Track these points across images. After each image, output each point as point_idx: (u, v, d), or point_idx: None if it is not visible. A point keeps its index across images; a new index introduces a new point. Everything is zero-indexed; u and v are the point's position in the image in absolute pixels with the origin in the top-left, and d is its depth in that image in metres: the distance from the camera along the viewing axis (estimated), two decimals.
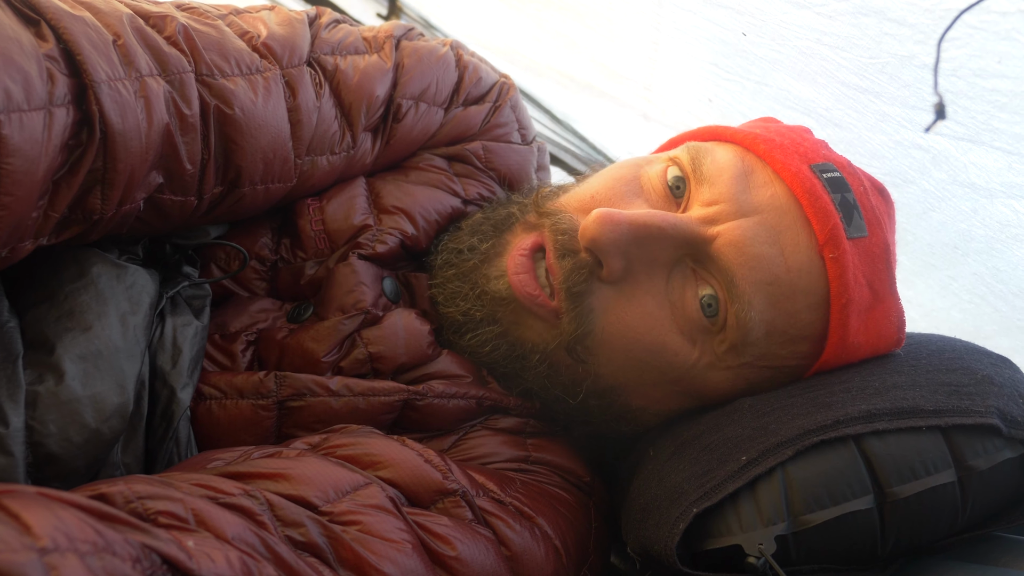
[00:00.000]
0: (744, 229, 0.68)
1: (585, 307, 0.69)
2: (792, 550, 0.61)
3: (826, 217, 0.68)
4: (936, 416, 0.62)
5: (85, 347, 0.59)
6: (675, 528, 0.61)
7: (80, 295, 0.61)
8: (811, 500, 0.61)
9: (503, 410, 0.75)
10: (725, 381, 0.71)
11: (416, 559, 0.54)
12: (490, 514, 0.62)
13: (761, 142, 0.72)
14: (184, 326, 0.67)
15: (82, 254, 0.62)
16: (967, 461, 0.62)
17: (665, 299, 0.70)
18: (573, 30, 1.29)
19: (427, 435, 0.71)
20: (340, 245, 0.76)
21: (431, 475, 0.61)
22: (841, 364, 0.71)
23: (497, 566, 0.59)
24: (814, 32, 0.87)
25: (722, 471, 0.63)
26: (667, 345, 0.69)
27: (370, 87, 0.77)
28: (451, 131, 0.85)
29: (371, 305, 0.72)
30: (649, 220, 0.68)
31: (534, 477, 0.71)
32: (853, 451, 0.62)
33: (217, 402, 0.67)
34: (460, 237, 0.77)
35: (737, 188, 0.69)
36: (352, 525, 0.54)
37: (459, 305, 0.74)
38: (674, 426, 0.73)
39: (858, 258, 0.68)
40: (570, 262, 0.69)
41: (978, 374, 0.66)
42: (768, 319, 0.67)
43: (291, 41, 0.72)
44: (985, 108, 0.78)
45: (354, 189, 0.79)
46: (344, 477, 0.57)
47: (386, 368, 0.71)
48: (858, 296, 0.68)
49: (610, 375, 0.72)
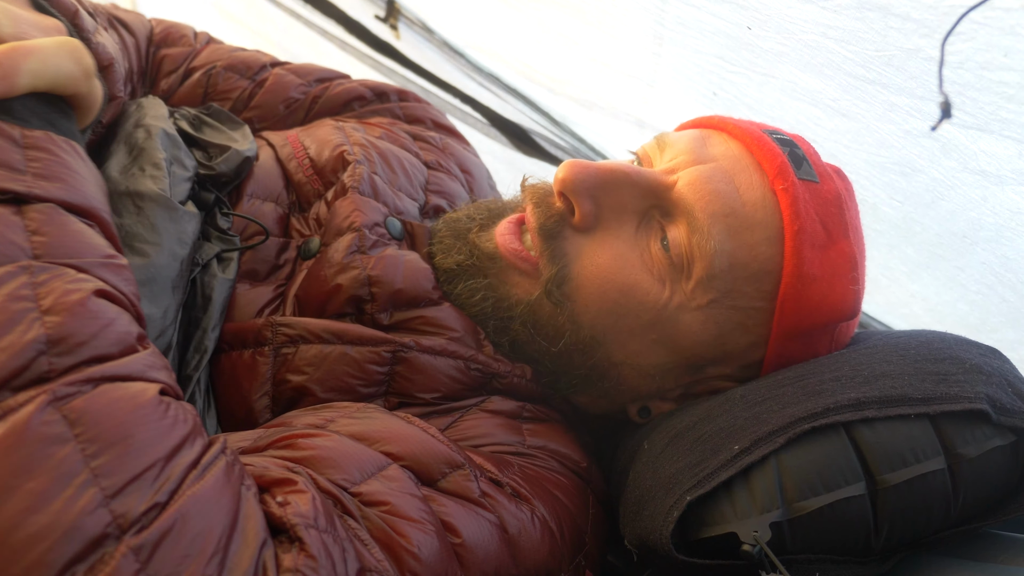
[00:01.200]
0: (700, 171, 0.75)
1: (559, 250, 0.76)
2: (787, 538, 0.62)
3: (773, 156, 0.75)
4: (924, 404, 0.63)
5: (142, 273, 0.65)
6: (669, 516, 0.62)
7: (138, 228, 0.67)
8: (805, 487, 0.61)
9: (496, 380, 0.77)
10: (696, 324, 0.75)
11: (437, 541, 0.55)
12: (488, 496, 0.62)
13: (717, 119, 0.82)
14: (212, 278, 0.74)
15: (139, 195, 0.69)
16: (956, 449, 0.62)
17: (635, 245, 0.76)
18: (574, 30, 1.29)
19: (424, 414, 0.73)
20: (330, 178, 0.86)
21: (438, 447, 0.62)
22: (802, 301, 0.73)
23: (499, 549, 0.60)
24: (819, 26, 0.87)
25: (715, 460, 0.64)
26: (638, 283, 0.75)
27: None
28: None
29: (364, 226, 0.79)
30: (615, 166, 0.76)
31: (531, 461, 0.71)
32: (844, 439, 0.62)
33: (225, 354, 0.73)
34: (459, 213, 0.86)
35: (694, 145, 0.78)
36: (380, 506, 0.55)
37: (453, 257, 0.80)
38: (667, 419, 0.75)
39: (808, 195, 0.74)
40: (543, 208, 0.78)
41: (967, 363, 0.67)
42: (729, 250, 0.72)
43: None
44: (993, 99, 0.78)
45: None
46: (367, 457, 0.58)
47: (382, 293, 0.76)
48: (811, 227, 0.73)
49: (588, 323, 0.76)
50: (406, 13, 1.67)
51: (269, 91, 1.05)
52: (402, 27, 1.70)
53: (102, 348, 0.46)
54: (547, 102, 1.58)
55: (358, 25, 1.71)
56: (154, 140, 0.75)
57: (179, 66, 1.05)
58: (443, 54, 1.67)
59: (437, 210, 0.92)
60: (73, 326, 0.45)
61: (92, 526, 0.40)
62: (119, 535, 0.40)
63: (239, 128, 0.91)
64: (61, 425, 0.41)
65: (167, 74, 1.04)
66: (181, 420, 0.47)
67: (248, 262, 0.79)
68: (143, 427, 0.44)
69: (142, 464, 0.43)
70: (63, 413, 0.41)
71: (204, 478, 0.45)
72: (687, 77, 1.13)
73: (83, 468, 0.41)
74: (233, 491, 0.47)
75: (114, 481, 0.41)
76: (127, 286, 0.52)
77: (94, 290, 0.47)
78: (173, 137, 0.78)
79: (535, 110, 1.61)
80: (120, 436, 0.43)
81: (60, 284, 0.46)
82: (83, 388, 0.43)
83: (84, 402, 0.42)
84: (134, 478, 0.42)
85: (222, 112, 0.93)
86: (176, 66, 1.04)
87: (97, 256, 0.51)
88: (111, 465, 0.41)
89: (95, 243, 0.52)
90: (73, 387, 0.43)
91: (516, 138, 1.63)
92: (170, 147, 0.76)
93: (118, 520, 0.40)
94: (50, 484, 0.39)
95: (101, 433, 0.42)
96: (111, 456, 0.42)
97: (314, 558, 0.47)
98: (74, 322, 0.45)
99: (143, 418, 0.44)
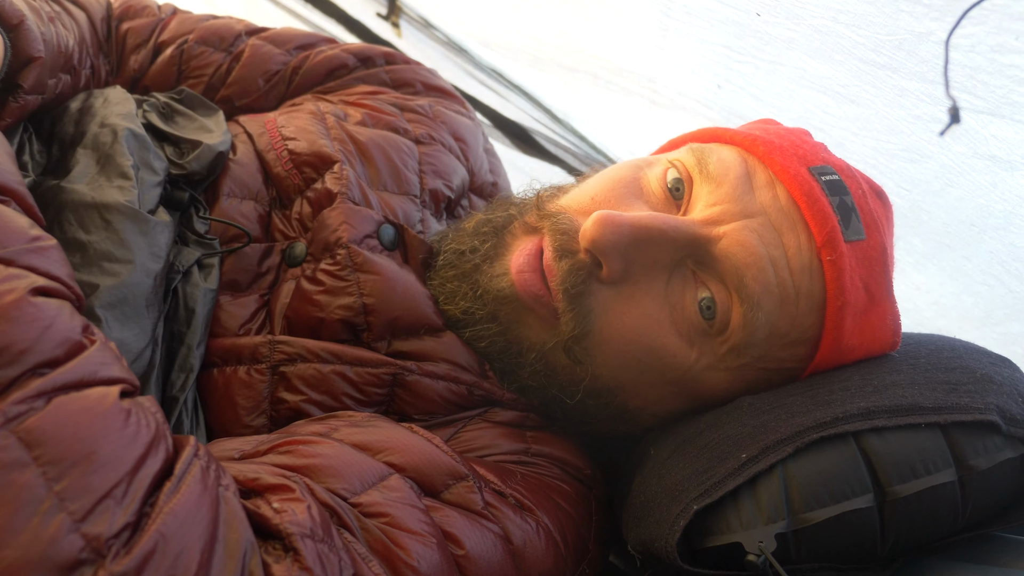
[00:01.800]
0: (751, 230, 0.68)
1: (584, 308, 0.70)
2: (792, 548, 0.61)
3: (824, 220, 0.68)
4: (935, 413, 0.62)
5: (114, 294, 0.62)
6: (676, 525, 0.61)
7: (107, 245, 0.64)
8: (811, 498, 0.60)
9: (499, 403, 0.74)
10: (723, 382, 0.72)
11: (438, 554, 0.54)
12: (492, 507, 0.61)
13: (761, 144, 0.73)
14: (195, 288, 0.70)
15: (106, 208, 0.66)
16: (968, 460, 0.61)
17: (664, 301, 0.70)
18: (576, 23, 1.30)
19: (427, 426, 0.71)
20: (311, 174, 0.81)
21: (442, 459, 0.61)
22: (835, 365, 0.71)
23: (503, 561, 0.59)
24: (829, 11, 0.87)
25: (722, 468, 0.63)
26: (666, 346, 0.70)
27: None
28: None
29: (352, 241, 0.74)
30: (650, 222, 0.68)
31: (534, 470, 0.70)
32: (853, 449, 0.61)
33: (218, 369, 0.70)
34: (461, 238, 0.78)
35: (741, 189, 0.70)
36: (379, 517, 0.54)
37: (459, 304, 0.74)
38: (674, 425, 0.73)
39: (855, 261, 0.69)
40: (568, 263, 0.70)
41: (977, 372, 0.66)
42: (773, 321, 0.68)
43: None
44: (1004, 83, 0.78)
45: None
46: (368, 467, 0.57)
47: (378, 322, 0.72)
48: (854, 299, 0.69)
49: (608, 376, 0.72)
50: (408, 10, 1.67)
51: (247, 65, 0.99)
52: (404, 25, 1.70)
53: (47, 352, 0.42)
54: (549, 98, 1.58)
55: (358, 24, 1.71)
56: (120, 144, 0.71)
57: (146, 39, 0.99)
58: (445, 52, 1.67)
59: (435, 195, 0.88)
60: (12, 333, 0.41)
61: (65, 553, 0.37)
62: (95, 559, 0.38)
63: (213, 115, 0.88)
64: (17, 449, 0.38)
65: (134, 49, 0.98)
66: (144, 425, 0.44)
67: (228, 272, 0.75)
68: (105, 440, 0.41)
69: (110, 482, 0.40)
70: (18, 435, 0.38)
71: (180, 490, 0.43)
72: (692, 68, 1.13)
73: (47, 493, 0.38)
74: (211, 497, 0.45)
75: (82, 504, 0.39)
76: (60, 268, 0.47)
77: (29, 288, 0.43)
78: (141, 138, 0.74)
79: (537, 107, 1.62)
80: (82, 454, 0.40)
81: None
82: (35, 404, 0.40)
83: (39, 420, 0.39)
84: (102, 497, 0.39)
85: (195, 97, 0.90)
86: (142, 39, 0.99)
87: (22, 242, 0.46)
88: (77, 487, 0.39)
89: (16, 225, 0.46)
90: (24, 404, 0.39)
91: (518, 139, 1.63)
92: (137, 150, 0.73)
93: (92, 543, 0.38)
94: (13, 514, 0.37)
95: (62, 453, 0.39)
96: (75, 477, 0.39)
97: (309, 570, 0.45)
98: (12, 328, 0.41)
99: (104, 430, 0.41)
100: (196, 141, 0.79)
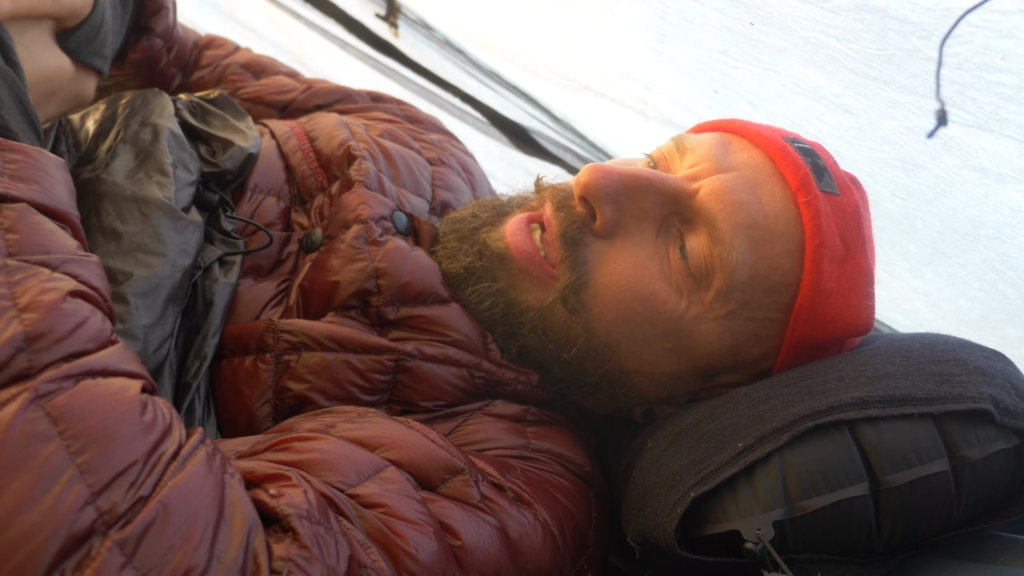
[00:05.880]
0: (723, 180, 0.74)
1: (580, 257, 0.75)
2: (789, 537, 0.62)
3: (797, 168, 0.74)
4: (928, 404, 0.63)
5: (146, 284, 0.65)
6: (673, 513, 0.62)
7: (143, 238, 0.68)
8: (807, 486, 0.61)
9: (500, 387, 0.77)
10: (713, 334, 0.75)
11: (436, 543, 0.55)
12: (489, 500, 0.62)
13: (738, 124, 0.81)
14: (214, 282, 0.73)
15: (145, 202, 0.69)
16: (960, 451, 0.62)
17: (655, 252, 0.75)
18: (573, 28, 1.29)
19: (428, 419, 0.72)
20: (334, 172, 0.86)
21: (438, 453, 0.62)
22: (817, 314, 0.73)
23: (499, 553, 0.60)
24: (820, 24, 0.87)
25: (719, 457, 0.64)
26: (656, 293, 0.74)
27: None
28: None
29: (370, 218, 0.78)
30: (638, 172, 0.75)
31: (534, 465, 0.71)
32: (847, 438, 0.62)
33: (226, 360, 0.72)
34: (463, 211, 0.85)
35: (717, 152, 0.76)
36: (377, 507, 0.55)
37: (460, 260, 0.79)
38: (671, 418, 0.75)
39: (830, 209, 0.74)
40: (565, 213, 0.76)
41: (970, 365, 0.67)
42: (750, 262, 0.72)
43: None
44: (992, 100, 0.78)
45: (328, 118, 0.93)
46: (364, 461, 0.58)
47: (389, 285, 0.75)
48: (831, 241, 0.73)
49: (603, 331, 0.75)
50: (406, 11, 1.67)
51: (265, 85, 1.10)
52: (402, 25, 1.70)
53: (79, 344, 0.46)
54: (548, 98, 1.58)
55: (358, 24, 1.71)
56: (161, 143, 0.75)
57: (213, 63, 1.11)
58: (443, 52, 1.67)
59: (444, 206, 0.91)
60: (51, 323, 0.45)
61: (80, 523, 0.40)
62: (105, 531, 0.41)
63: (243, 118, 0.91)
64: (45, 423, 0.41)
65: (201, 68, 1.10)
66: (160, 416, 0.47)
67: (251, 258, 0.79)
68: (125, 423, 0.44)
69: (126, 460, 0.43)
70: (46, 410, 0.42)
71: (184, 468, 0.46)
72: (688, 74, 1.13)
73: (69, 465, 0.41)
74: (216, 479, 0.47)
75: (99, 477, 0.41)
76: (98, 281, 0.53)
77: (69, 290, 0.48)
78: (179, 138, 0.78)
79: (536, 107, 1.61)
80: (103, 432, 0.43)
81: (36, 283, 0.47)
82: (64, 384, 0.44)
83: (67, 399, 0.43)
84: (119, 474, 0.42)
85: (226, 99, 0.93)
86: (211, 63, 1.11)
87: (68, 252, 0.51)
88: (96, 461, 0.42)
89: (66, 243, 0.53)
90: (54, 384, 0.43)
91: (516, 137, 1.63)
92: (176, 149, 0.76)
93: (104, 516, 0.41)
94: (37, 482, 0.40)
95: (84, 429, 0.42)
96: (95, 452, 0.42)
97: (307, 548, 0.47)
98: (51, 319, 0.45)
99: (124, 414, 0.45)
100: (228, 140, 0.83)
